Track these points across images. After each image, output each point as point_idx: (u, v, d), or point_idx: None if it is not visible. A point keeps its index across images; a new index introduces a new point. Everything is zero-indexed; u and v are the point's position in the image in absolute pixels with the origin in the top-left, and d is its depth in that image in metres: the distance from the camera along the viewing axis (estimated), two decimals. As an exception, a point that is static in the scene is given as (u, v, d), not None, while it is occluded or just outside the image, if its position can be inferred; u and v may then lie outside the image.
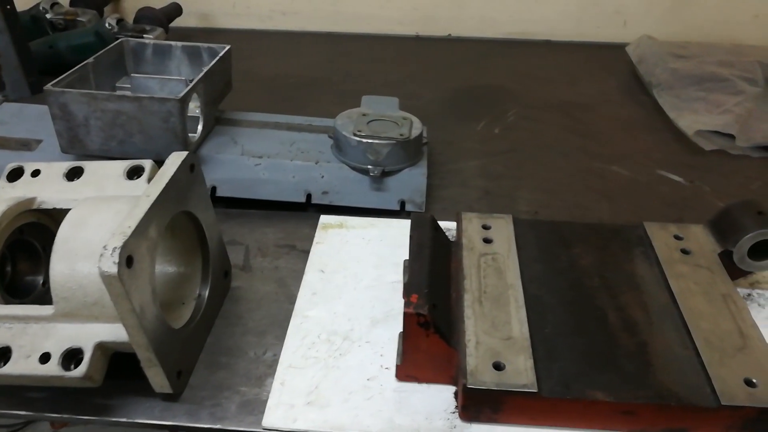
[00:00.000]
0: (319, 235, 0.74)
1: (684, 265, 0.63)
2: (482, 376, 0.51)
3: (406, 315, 0.52)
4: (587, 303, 0.60)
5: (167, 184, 0.55)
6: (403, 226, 0.76)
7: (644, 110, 1.06)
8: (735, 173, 0.88)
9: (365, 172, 0.78)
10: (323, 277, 0.68)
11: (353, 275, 0.69)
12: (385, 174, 0.78)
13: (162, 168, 0.57)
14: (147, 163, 0.62)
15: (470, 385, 0.51)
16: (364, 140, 0.77)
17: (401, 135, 0.78)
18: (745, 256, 0.64)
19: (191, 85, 0.77)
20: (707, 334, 0.55)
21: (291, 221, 0.78)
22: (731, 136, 0.92)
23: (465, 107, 1.07)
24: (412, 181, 0.79)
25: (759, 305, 0.65)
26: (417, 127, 0.81)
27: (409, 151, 0.79)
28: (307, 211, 0.79)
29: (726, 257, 0.65)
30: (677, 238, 0.67)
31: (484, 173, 0.88)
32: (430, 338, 0.53)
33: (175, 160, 0.58)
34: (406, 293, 0.53)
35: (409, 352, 0.55)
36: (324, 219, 0.77)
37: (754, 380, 0.51)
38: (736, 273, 0.66)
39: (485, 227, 0.68)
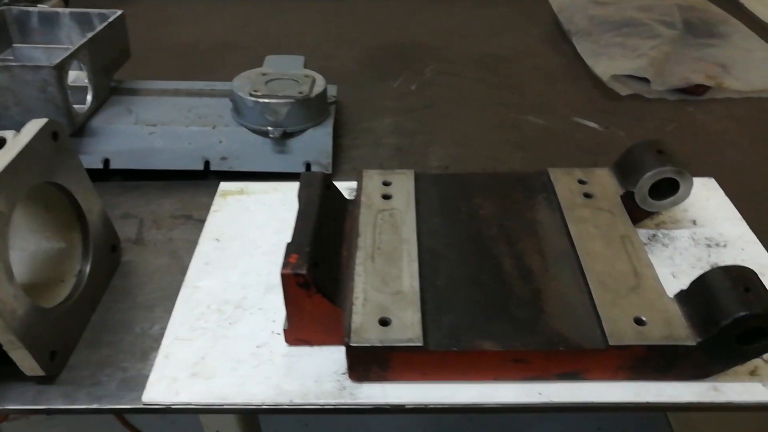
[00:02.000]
0: (218, 202, 0.71)
1: (585, 209, 0.62)
2: (367, 334, 0.49)
3: (283, 276, 0.49)
4: (484, 253, 0.58)
5: (19, 154, 0.50)
6: (309, 188, 0.73)
7: (565, 59, 1.04)
8: (650, 116, 0.87)
9: (265, 134, 0.74)
10: (218, 246, 0.65)
11: (251, 242, 0.66)
12: (287, 135, 0.75)
13: (16, 137, 0.53)
14: (9, 134, 0.57)
15: (353, 343, 0.48)
16: (261, 100, 0.73)
17: (300, 93, 0.74)
18: (646, 196, 0.63)
19: (70, 51, 0.71)
20: (602, 276, 0.54)
21: (189, 190, 0.74)
22: (648, 80, 0.91)
23: (382, 65, 1.04)
24: (316, 142, 0.76)
25: (663, 245, 0.64)
26: (320, 85, 0.78)
27: (312, 109, 0.76)
28: (207, 179, 0.75)
29: (630, 198, 0.63)
30: (581, 182, 0.65)
31: (398, 131, 0.85)
32: (313, 299, 0.50)
33: (31, 128, 0.54)
34: (287, 254, 0.51)
35: (294, 315, 0.52)
36: (223, 186, 0.73)
37: (644, 318, 0.50)
38: (640, 214, 0.65)
39: (386, 183, 0.66)
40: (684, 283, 0.58)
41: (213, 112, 0.79)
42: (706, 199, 0.70)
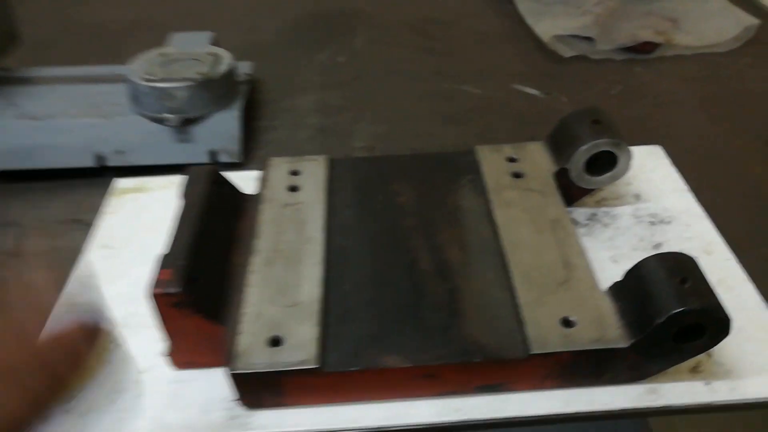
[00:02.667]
0: (111, 203, 0.63)
1: (513, 190, 0.55)
2: (253, 357, 0.42)
3: (152, 296, 0.42)
4: (398, 248, 0.51)
5: None
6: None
7: (507, 21, 0.96)
8: (596, 79, 0.80)
9: (164, 122, 0.66)
10: (107, 254, 0.57)
11: (144, 247, 0.58)
12: (189, 122, 0.67)
13: None
14: None
15: (235, 370, 0.42)
16: (155, 85, 0.65)
17: (200, 74, 0.66)
18: (582, 172, 0.56)
19: (-72, 38, 0.62)
20: (527, 269, 0.48)
21: (81, 191, 0.66)
22: (593, 39, 0.83)
23: (309, 36, 0.95)
24: (222, 128, 0.68)
25: (603, 225, 0.58)
26: (225, 63, 0.69)
27: (216, 91, 0.68)
28: (104, 176, 0.67)
29: (566, 176, 0.57)
30: (511, 160, 0.59)
31: (321, 108, 0.77)
32: (191, 320, 0.43)
33: None
34: (158, 268, 0.43)
35: (173, 338, 0.45)
36: (119, 183, 0.65)
37: (572, 318, 0.44)
38: (578, 192, 0.58)
39: (294, 173, 0.58)
40: (625, 269, 0.52)
41: (108, 100, 0.70)
42: (651, 170, 0.64)
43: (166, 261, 0.44)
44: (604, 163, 0.57)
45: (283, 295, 0.46)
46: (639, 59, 0.83)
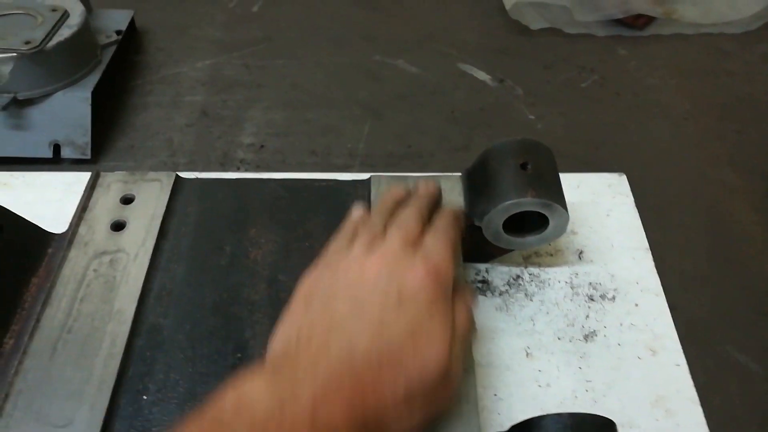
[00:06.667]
0: None
1: (404, 253, 0.41)
2: None
3: None
4: (229, 339, 0.38)
5: None
6: (59, 183, 0.52)
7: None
8: (566, 63, 0.63)
9: (-14, 102, 0.51)
10: None
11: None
12: (23, 103, 0.52)
13: None
14: None
15: None
16: (-35, 55, 0.49)
17: (28, 43, 0.50)
18: (499, 231, 0.42)
19: None
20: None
21: None
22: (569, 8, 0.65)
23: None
24: (67, 113, 0.53)
25: (526, 295, 0.45)
26: (72, 24, 0.53)
27: (57, 64, 0.52)
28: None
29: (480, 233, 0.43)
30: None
31: (211, 80, 0.61)
32: None
33: None
34: None
35: None
36: (-71, 181, 0.51)
37: None
38: (497, 249, 0.45)
39: (126, 200, 0.44)
40: (539, 370, 0.40)
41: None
42: (606, 213, 0.50)
43: None
44: (534, 219, 0.42)
45: (57, 406, 0.34)
46: (626, 36, 0.65)
